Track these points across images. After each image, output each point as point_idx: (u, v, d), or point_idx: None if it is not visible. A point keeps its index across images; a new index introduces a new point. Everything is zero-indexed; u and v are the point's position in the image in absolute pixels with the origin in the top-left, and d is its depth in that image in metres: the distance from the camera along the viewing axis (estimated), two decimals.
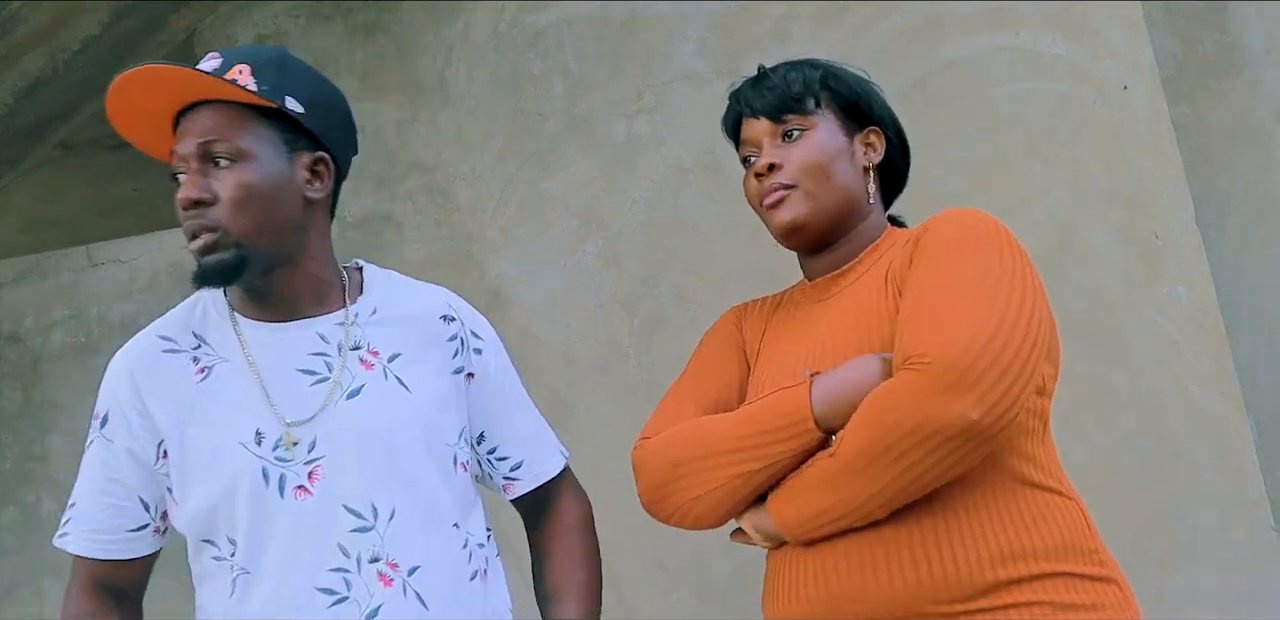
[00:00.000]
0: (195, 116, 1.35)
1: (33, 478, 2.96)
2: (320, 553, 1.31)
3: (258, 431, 1.34)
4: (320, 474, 1.34)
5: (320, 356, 1.39)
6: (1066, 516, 1.31)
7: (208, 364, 1.39)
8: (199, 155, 1.34)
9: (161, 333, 1.43)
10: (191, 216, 1.33)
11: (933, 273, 1.31)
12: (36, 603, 2.91)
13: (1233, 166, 2.48)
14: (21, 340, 3.01)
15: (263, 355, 1.38)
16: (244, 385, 1.37)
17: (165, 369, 1.39)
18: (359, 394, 1.37)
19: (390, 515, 1.34)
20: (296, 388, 1.37)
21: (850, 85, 1.51)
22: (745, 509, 1.36)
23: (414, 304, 1.47)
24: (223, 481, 1.33)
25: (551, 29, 2.78)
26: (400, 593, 1.32)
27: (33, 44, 2.73)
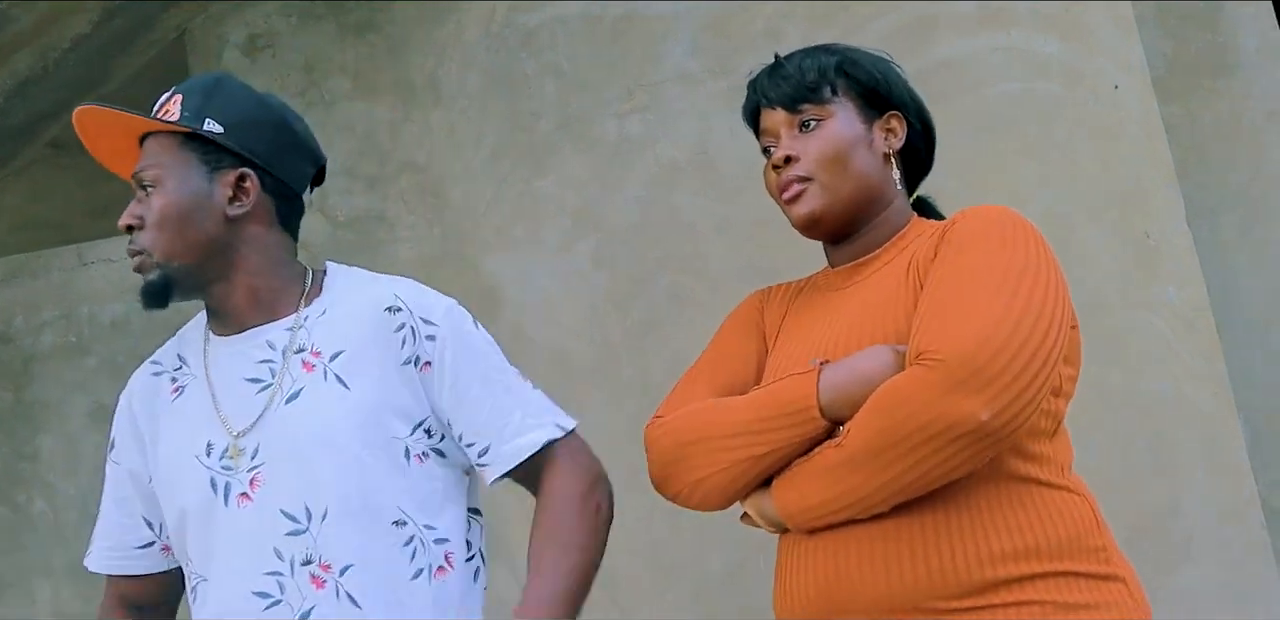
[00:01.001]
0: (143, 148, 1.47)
1: (24, 478, 2.95)
2: (257, 557, 1.33)
3: (208, 443, 1.39)
4: (260, 480, 1.36)
5: (266, 363, 1.41)
6: (1073, 514, 1.30)
7: (182, 383, 1.45)
8: (136, 184, 1.45)
9: (154, 358, 1.53)
10: (129, 242, 1.44)
11: (953, 268, 1.30)
12: (27, 603, 2.90)
13: (1225, 166, 2.49)
14: (12, 340, 3.00)
15: (217, 368, 1.43)
16: (200, 399, 1.42)
17: (151, 392, 1.47)
18: (298, 397, 1.39)
19: (323, 516, 1.34)
20: (243, 397, 1.40)
21: (868, 70, 1.48)
22: (751, 493, 1.36)
23: (359, 299, 1.46)
24: (180, 495, 1.40)
25: (544, 28, 2.77)
26: (333, 594, 1.32)
27: (23, 43, 2.72)
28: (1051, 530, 1.28)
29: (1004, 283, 1.26)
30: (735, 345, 1.53)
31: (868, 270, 1.46)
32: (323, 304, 1.45)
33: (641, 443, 2.55)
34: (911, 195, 1.55)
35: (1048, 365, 1.22)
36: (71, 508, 2.90)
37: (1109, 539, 1.34)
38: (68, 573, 2.88)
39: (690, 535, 2.52)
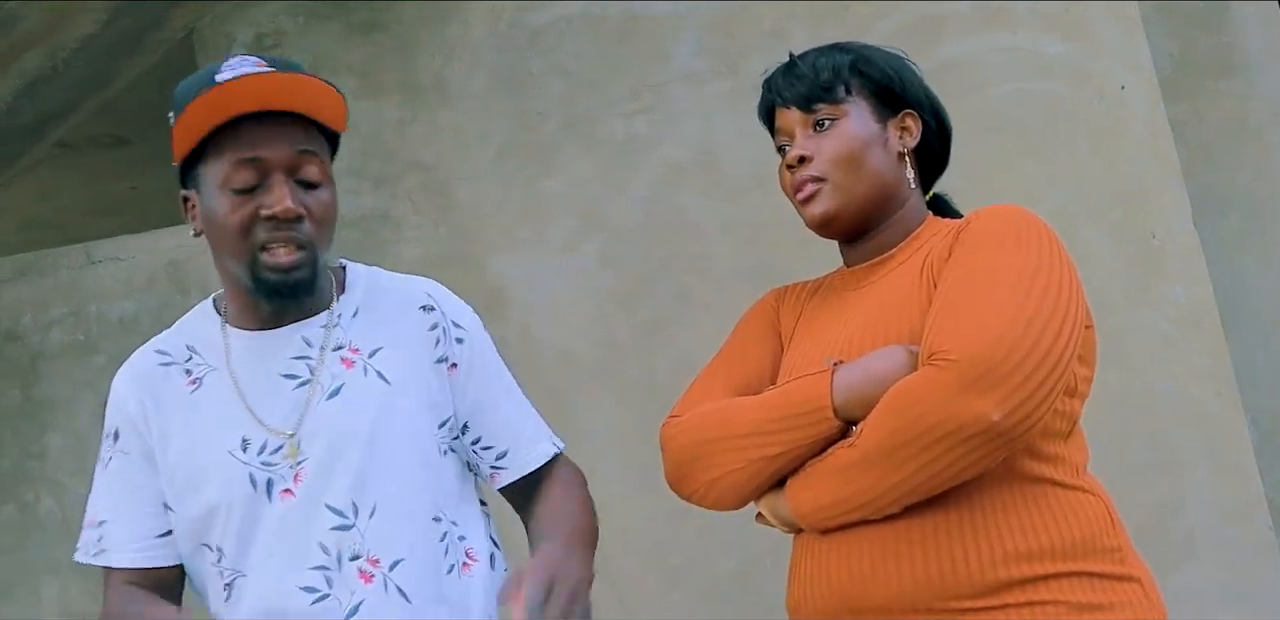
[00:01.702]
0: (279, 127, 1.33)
1: (31, 476, 2.96)
2: (302, 552, 1.33)
3: (244, 439, 1.36)
4: (304, 475, 1.35)
5: (303, 360, 1.40)
6: (1087, 514, 1.30)
7: (199, 375, 1.42)
8: (288, 167, 1.33)
9: (157, 348, 1.47)
10: (285, 227, 1.33)
11: (967, 267, 1.30)
12: (34, 602, 2.91)
13: (1230, 166, 2.48)
14: (20, 338, 3.01)
15: (246, 363, 1.41)
16: (227, 393, 1.39)
17: (163, 382, 1.42)
18: (339, 393, 1.38)
19: (371, 512, 1.35)
20: (279, 393, 1.38)
21: (882, 69, 1.47)
22: (765, 492, 1.36)
23: (394, 297, 1.48)
24: (213, 489, 1.36)
25: (550, 28, 2.78)
26: (381, 588, 1.33)
27: (32, 42, 2.73)
28: (1066, 530, 1.28)
29: (1017, 283, 1.26)
30: (751, 344, 1.53)
31: (883, 270, 1.46)
32: (352, 302, 1.46)
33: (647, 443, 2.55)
34: (928, 193, 1.55)
35: (1060, 365, 1.22)
36: (79, 506, 2.88)
37: (1124, 539, 1.33)
38: (75, 570, 2.89)
39: (696, 536, 2.52)
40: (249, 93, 1.30)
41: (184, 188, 1.40)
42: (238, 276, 1.37)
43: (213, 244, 1.39)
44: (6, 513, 2.96)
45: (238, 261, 1.35)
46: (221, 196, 1.33)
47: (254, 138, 1.32)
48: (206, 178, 1.35)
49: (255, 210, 1.32)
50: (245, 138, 1.32)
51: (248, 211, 1.32)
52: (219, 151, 1.33)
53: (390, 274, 1.53)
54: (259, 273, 1.34)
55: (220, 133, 1.31)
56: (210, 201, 1.35)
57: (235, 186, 1.32)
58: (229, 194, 1.33)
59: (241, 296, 1.42)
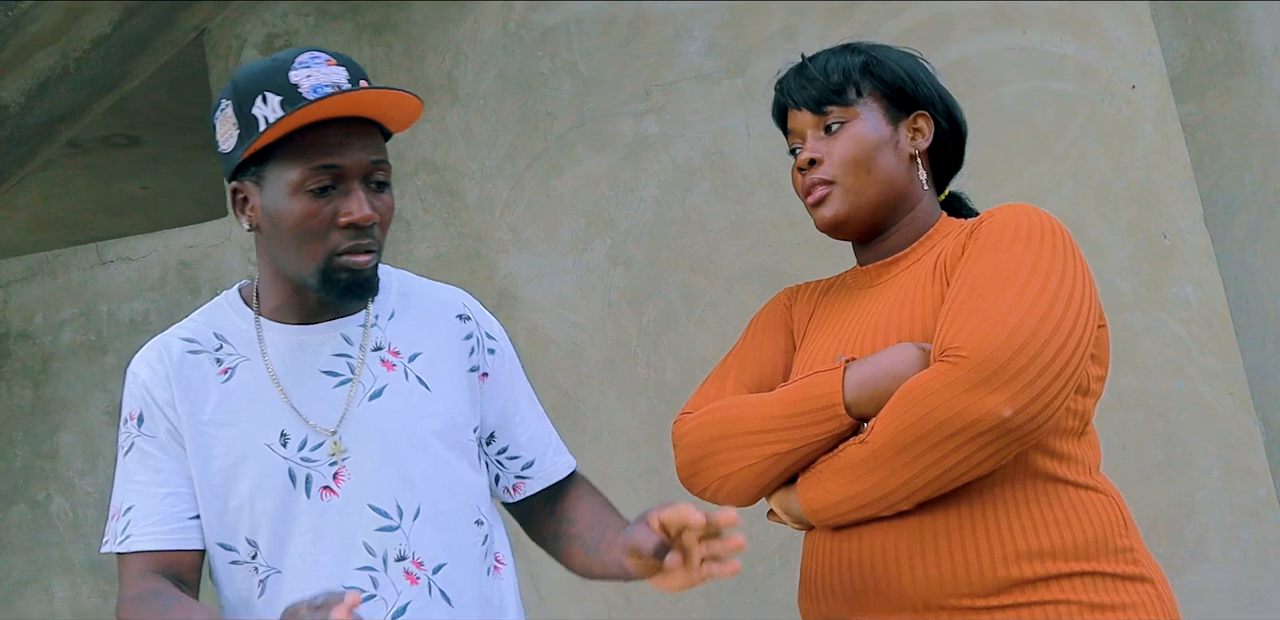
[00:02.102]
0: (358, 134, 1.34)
1: (43, 475, 2.97)
2: (347, 552, 1.33)
3: (283, 433, 1.36)
4: (345, 474, 1.35)
5: (343, 358, 1.40)
6: (1099, 514, 1.30)
7: (230, 364, 1.40)
8: (363, 174, 1.34)
9: (183, 335, 1.43)
10: (363, 235, 1.33)
11: (979, 266, 1.30)
12: (46, 600, 2.92)
13: (1241, 166, 2.47)
14: (31, 338, 3.02)
15: (284, 357, 1.39)
16: (262, 386, 1.38)
17: (191, 369, 1.39)
18: (381, 395, 1.38)
19: (415, 514, 1.35)
20: (320, 390, 1.38)
21: (893, 70, 1.46)
22: (777, 489, 1.36)
23: (431, 303, 1.49)
24: (248, 482, 1.34)
25: (560, 28, 2.78)
26: (425, 591, 1.34)
27: (44, 42, 2.74)
28: (1078, 530, 1.27)
29: (1029, 281, 1.26)
30: (763, 342, 1.53)
31: (896, 269, 1.46)
32: (388, 303, 1.46)
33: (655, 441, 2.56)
34: (943, 192, 1.54)
35: (1072, 363, 1.22)
36: (90, 505, 2.92)
37: (1137, 540, 1.33)
38: (86, 569, 2.90)
39: None
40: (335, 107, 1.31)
41: (234, 179, 1.37)
42: (298, 274, 1.36)
43: (273, 241, 1.36)
44: (18, 511, 2.97)
45: (307, 261, 1.34)
46: (296, 199, 1.32)
47: (336, 144, 1.32)
48: (276, 177, 1.33)
49: (332, 215, 1.32)
50: (326, 143, 1.31)
51: (325, 216, 1.32)
52: (295, 153, 1.31)
53: (421, 279, 1.54)
54: (333, 274, 1.34)
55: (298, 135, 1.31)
56: (280, 201, 1.33)
57: (312, 188, 1.32)
58: (305, 196, 1.32)
59: (286, 291, 1.40)
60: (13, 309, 3.05)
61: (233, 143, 1.35)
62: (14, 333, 3.03)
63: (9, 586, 2.94)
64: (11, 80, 2.79)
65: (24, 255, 3.11)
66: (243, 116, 1.33)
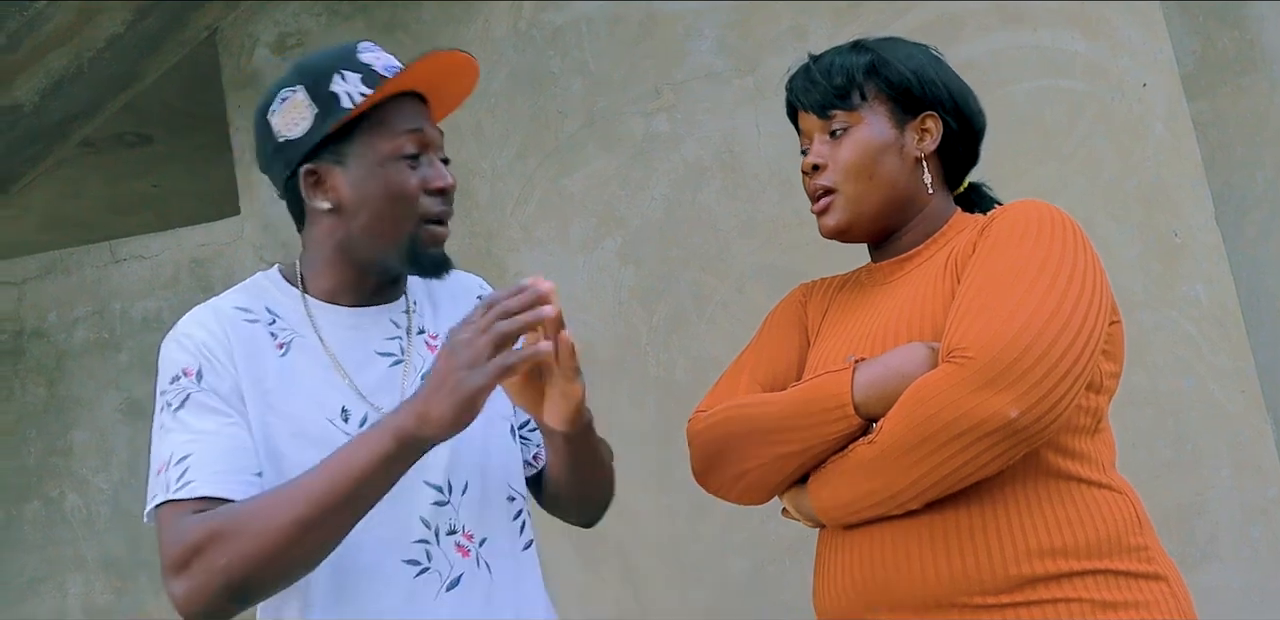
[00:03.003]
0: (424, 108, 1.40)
1: (56, 472, 2.98)
2: (405, 526, 1.33)
3: (343, 408, 1.35)
4: None
5: (394, 340, 1.42)
6: (1113, 512, 1.29)
7: (285, 339, 1.39)
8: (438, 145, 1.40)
9: (236, 304, 1.40)
10: (448, 203, 1.39)
11: (989, 264, 1.30)
12: (59, 596, 2.93)
13: (1253, 163, 2.47)
14: (45, 336, 3.03)
15: (339, 337, 1.40)
16: (321, 365, 1.38)
17: (249, 336, 1.37)
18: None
19: (464, 489, 1.37)
20: (377, 370, 1.39)
21: (900, 71, 1.44)
22: (789, 488, 1.37)
23: (454, 288, 1.51)
24: (312, 455, 1.29)
25: (570, 27, 2.78)
26: (474, 563, 1.36)
27: (57, 42, 2.75)
28: (1091, 528, 1.27)
29: (1038, 280, 1.25)
30: (778, 339, 1.53)
31: (909, 266, 1.45)
32: (417, 291, 1.49)
33: (665, 440, 2.56)
34: (960, 184, 1.52)
35: (1080, 363, 1.22)
36: (103, 502, 2.93)
37: (1151, 538, 1.32)
38: (100, 566, 2.92)
39: (713, 534, 2.52)
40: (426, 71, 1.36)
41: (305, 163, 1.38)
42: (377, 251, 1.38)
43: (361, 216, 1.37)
44: (32, 509, 2.99)
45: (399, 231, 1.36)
46: (389, 167, 1.35)
47: (415, 114, 1.38)
48: (363, 151, 1.36)
49: (420, 182, 1.36)
50: (407, 112, 1.37)
51: (416, 183, 1.36)
52: (381, 125, 1.36)
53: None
54: (420, 246, 1.37)
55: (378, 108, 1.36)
56: (372, 173, 1.35)
57: (406, 154, 1.36)
58: (399, 164, 1.36)
59: (346, 274, 1.41)
60: (27, 307, 3.06)
61: (306, 126, 1.36)
62: (28, 331, 3.05)
63: (23, 583, 2.95)
64: (25, 80, 2.81)
65: (38, 254, 3.13)
66: (320, 98, 1.35)
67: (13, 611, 2.94)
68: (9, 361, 3.05)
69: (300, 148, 1.38)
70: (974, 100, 1.49)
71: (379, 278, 1.42)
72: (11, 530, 2.99)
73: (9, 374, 3.04)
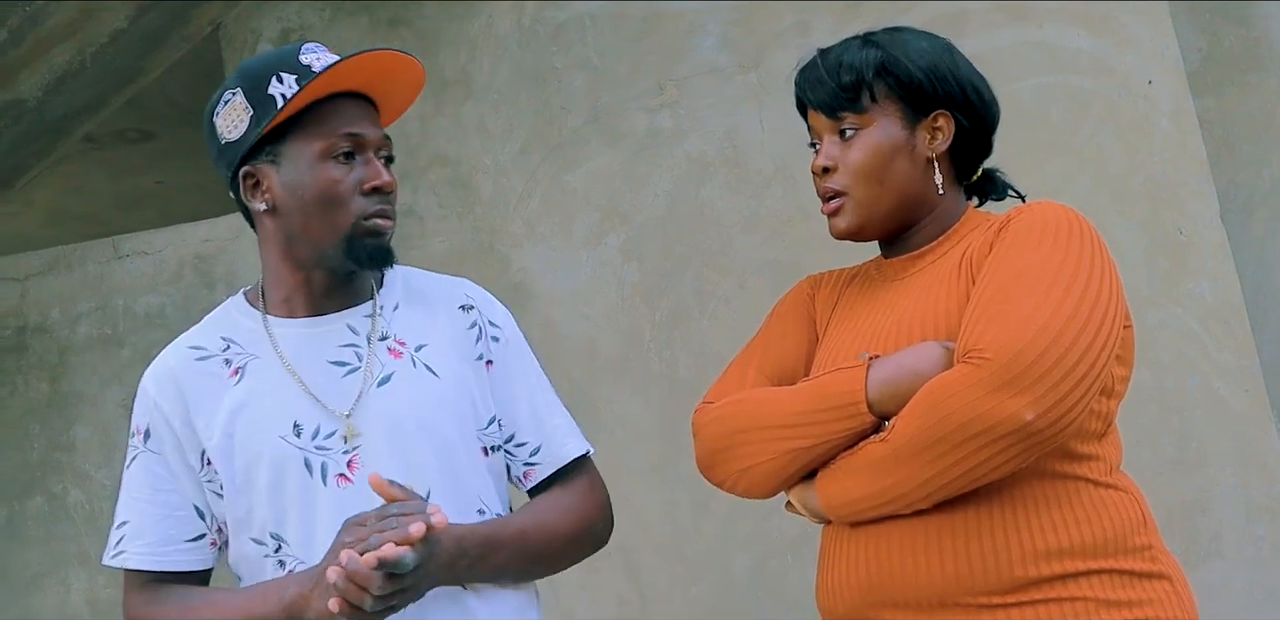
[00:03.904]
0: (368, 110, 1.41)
1: (59, 468, 2.99)
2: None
3: (295, 423, 1.37)
4: (359, 461, 1.36)
5: (350, 348, 1.41)
6: (1118, 512, 1.29)
7: (240, 364, 1.42)
8: (377, 146, 1.40)
9: (190, 343, 1.46)
10: (386, 200, 1.40)
11: (1005, 266, 1.29)
12: (62, 591, 2.94)
13: (1259, 161, 2.46)
14: (48, 331, 3.04)
15: (294, 351, 1.41)
16: (278, 380, 1.39)
17: (200, 376, 1.41)
18: (389, 381, 1.40)
19: (425, 498, 1.35)
20: (330, 379, 1.39)
21: (910, 69, 1.41)
22: (796, 483, 1.36)
23: (435, 296, 1.50)
24: (266, 475, 1.36)
25: (573, 23, 2.78)
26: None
27: (61, 37, 2.75)
28: (1096, 528, 1.27)
29: (1055, 283, 1.25)
30: (785, 332, 1.52)
31: (921, 263, 1.44)
32: (393, 296, 1.48)
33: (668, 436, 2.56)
34: (973, 175, 1.50)
35: (1096, 367, 1.21)
36: (106, 498, 2.93)
37: (1155, 537, 1.32)
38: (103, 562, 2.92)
39: (716, 530, 2.52)
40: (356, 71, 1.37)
41: (244, 165, 1.41)
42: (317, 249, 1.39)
43: (296, 216, 1.39)
44: (35, 504, 2.99)
45: (334, 230, 1.38)
46: (321, 167, 1.37)
47: (353, 115, 1.39)
48: (297, 151, 1.37)
49: (356, 182, 1.37)
50: (344, 113, 1.38)
51: (350, 182, 1.37)
52: (316, 124, 1.37)
53: (426, 273, 1.55)
54: (358, 240, 1.38)
55: (314, 109, 1.37)
56: (303, 173, 1.37)
57: (337, 154, 1.37)
58: (331, 163, 1.37)
59: (294, 280, 1.43)
60: (30, 303, 3.06)
61: (243, 128, 1.38)
62: (31, 326, 3.05)
63: (26, 578, 2.96)
64: (29, 75, 2.81)
65: (41, 249, 3.13)
66: (256, 99, 1.37)
67: (16, 606, 2.94)
68: (12, 357, 3.05)
69: (238, 150, 1.40)
70: (987, 91, 1.47)
71: (329, 278, 1.42)
72: (15, 526, 2.99)
73: (12, 369, 3.04)
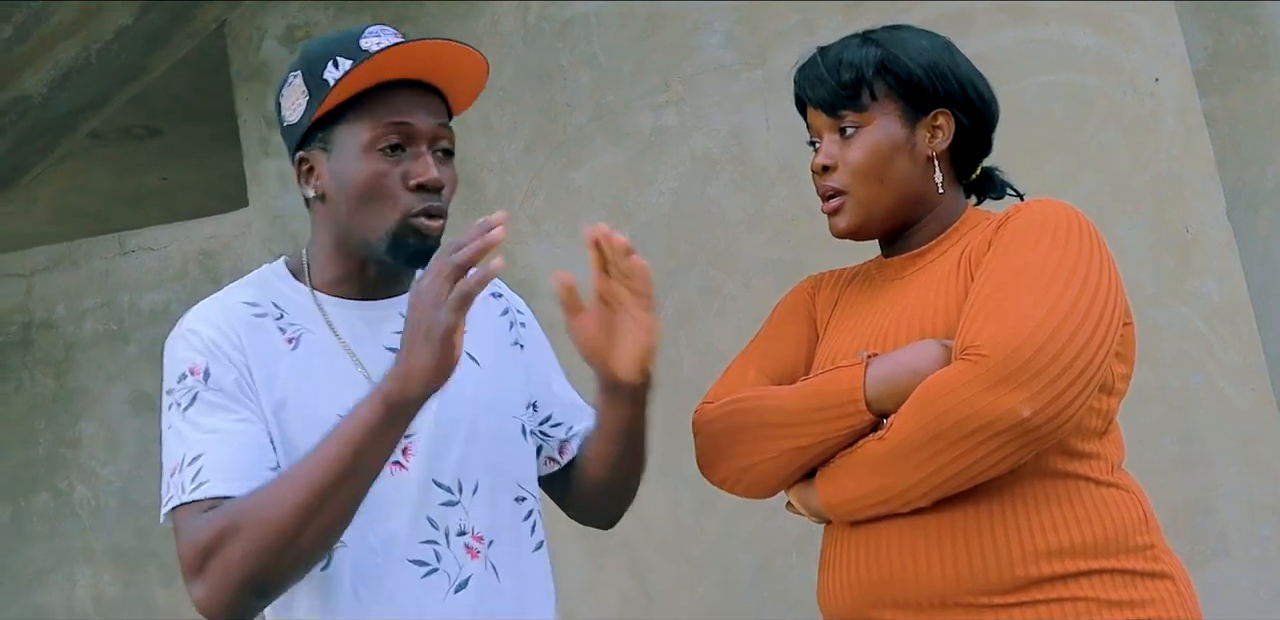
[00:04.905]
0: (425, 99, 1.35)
1: (64, 464, 2.99)
2: (413, 526, 1.31)
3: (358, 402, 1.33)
4: (413, 450, 1.33)
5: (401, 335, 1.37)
6: (1120, 511, 1.29)
7: (294, 334, 1.35)
8: (431, 138, 1.34)
9: (243, 299, 1.37)
10: (434, 197, 1.34)
11: (1004, 263, 1.29)
12: (67, 587, 2.94)
13: (1265, 159, 2.46)
14: (54, 327, 3.04)
15: (351, 332, 1.37)
16: (336, 359, 1.35)
17: (258, 332, 1.34)
18: None
19: (474, 489, 1.35)
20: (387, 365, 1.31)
21: (910, 67, 1.40)
22: (795, 482, 1.36)
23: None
24: None
25: (579, 20, 2.78)
26: (484, 565, 1.34)
27: (66, 34, 2.75)
28: (1098, 527, 1.27)
29: (1054, 280, 1.24)
30: (786, 331, 1.52)
31: (921, 262, 1.44)
32: None
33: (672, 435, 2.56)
34: (972, 174, 1.50)
35: (1094, 363, 1.21)
36: (112, 494, 2.94)
37: (1158, 536, 1.32)
38: (108, 558, 2.93)
39: (719, 529, 2.52)
40: (408, 59, 1.31)
41: (300, 150, 1.36)
42: (365, 241, 1.34)
43: (342, 207, 1.34)
44: (40, 500, 3.00)
45: (379, 225, 1.32)
46: (367, 158, 1.31)
47: (406, 104, 1.32)
48: (345, 139, 1.32)
49: (402, 176, 1.32)
50: (395, 101, 1.32)
51: (396, 176, 1.32)
52: (366, 113, 1.31)
53: None
54: (403, 237, 1.32)
55: (364, 97, 1.31)
56: (350, 163, 1.32)
57: (383, 146, 1.31)
58: (376, 155, 1.31)
59: (347, 264, 1.38)
60: (35, 299, 3.07)
61: (300, 111, 1.34)
62: (36, 322, 3.06)
63: (31, 575, 2.97)
64: (34, 72, 2.81)
65: (46, 246, 3.13)
66: (313, 83, 1.32)
67: (22, 602, 2.95)
68: (18, 353, 3.06)
69: (295, 133, 1.36)
70: (987, 90, 1.47)
71: (378, 267, 1.38)
72: (20, 522, 3.00)
73: (18, 365, 3.05)
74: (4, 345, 3.07)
